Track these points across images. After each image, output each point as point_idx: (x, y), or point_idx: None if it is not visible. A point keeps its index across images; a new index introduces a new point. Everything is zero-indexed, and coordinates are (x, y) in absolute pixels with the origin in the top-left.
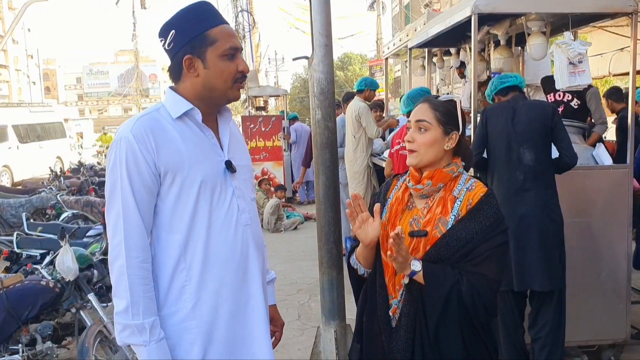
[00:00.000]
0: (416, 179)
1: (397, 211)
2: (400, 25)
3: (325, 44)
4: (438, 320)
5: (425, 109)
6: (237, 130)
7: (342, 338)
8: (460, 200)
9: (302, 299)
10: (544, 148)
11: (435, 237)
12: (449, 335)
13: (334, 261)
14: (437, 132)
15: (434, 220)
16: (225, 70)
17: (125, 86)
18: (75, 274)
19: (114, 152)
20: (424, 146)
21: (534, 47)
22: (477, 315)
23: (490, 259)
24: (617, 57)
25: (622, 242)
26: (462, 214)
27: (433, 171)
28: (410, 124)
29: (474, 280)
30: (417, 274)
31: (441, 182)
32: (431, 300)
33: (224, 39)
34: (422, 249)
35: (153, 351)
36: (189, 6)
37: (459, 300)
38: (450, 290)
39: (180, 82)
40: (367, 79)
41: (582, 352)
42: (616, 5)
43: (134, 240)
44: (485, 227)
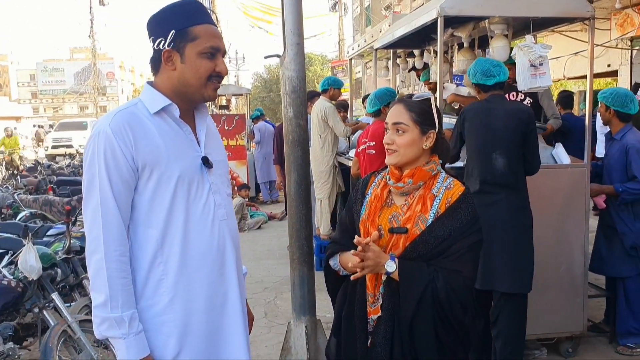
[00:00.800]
0: (397, 177)
1: (376, 208)
2: (361, 26)
3: (297, 43)
4: (412, 316)
5: (401, 111)
6: (213, 126)
7: (312, 333)
8: (439, 199)
9: (268, 297)
10: (517, 154)
11: (415, 234)
12: (422, 331)
13: (305, 257)
14: (415, 133)
15: (414, 218)
16: (201, 67)
17: (82, 84)
18: (38, 273)
19: (91, 146)
20: (402, 147)
21: (497, 49)
22: (453, 311)
23: (465, 256)
24: (572, 60)
25: (579, 238)
26: (440, 212)
27: (414, 169)
28: (388, 125)
29: (450, 277)
30: (392, 273)
31: (421, 180)
32: (405, 297)
33: (205, 37)
34: (402, 245)
35: (132, 344)
36: (177, 2)
37: (434, 297)
38: (425, 288)
39: (158, 74)
40: (330, 78)
41: (541, 345)
42: (575, 11)
43: (112, 233)
44: (462, 225)
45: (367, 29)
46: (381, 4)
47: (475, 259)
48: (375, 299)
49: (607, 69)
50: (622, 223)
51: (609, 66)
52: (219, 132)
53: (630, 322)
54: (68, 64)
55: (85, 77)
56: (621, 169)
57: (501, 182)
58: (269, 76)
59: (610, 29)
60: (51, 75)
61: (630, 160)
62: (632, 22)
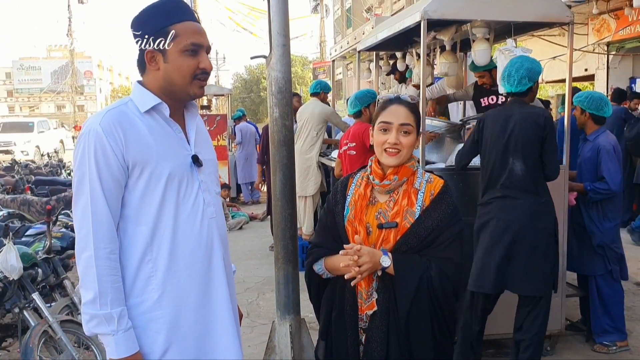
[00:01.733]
0: (381, 176)
1: (362, 207)
2: (342, 28)
3: (283, 44)
4: (409, 307)
5: (407, 113)
6: (202, 125)
7: (297, 332)
8: (422, 192)
9: (250, 297)
10: (535, 159)
11: (405, 227)
12: (419, 323)
13: (289, 257)
14: (415, 135)
15: (402, 212)
16: (184, 65)
17: (59, 83)
18: (19, 272)
19: (82, 145)
20: (407, 148)
21: (479, 52)
22: (447, 297)
23: (454, 243)
24: (550, 64)
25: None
26: (426, 204)
27: (398, 167)
28: (392, 125)
29: (442, 264)
30: (388, 268)
31: (405, 177)
32: (402, 289)
33: (186, 34)
34: (393, 239)
35: (121, 340)
36: (158, 1)
37: (429, 286)
38: (420, 278)
39: (145, 75)
40: (322, 83)
41: None
42: (555, 16)
43: (102, 231)
44: (447, 215)
45: (348, 30)
46: (362, 6)
47: (462, 246)
48: (368, 295)
49: (585, 73)
50: (591, 222)
51: (586, 70)
52: None
53: (605, 320)
54: (45, 62)
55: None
56: (592, 169)
57: (520, 186)
58: (250, 77)
59: (587, 34)
60: (27, 73)
61: (600, 161)
62: (608, 27)
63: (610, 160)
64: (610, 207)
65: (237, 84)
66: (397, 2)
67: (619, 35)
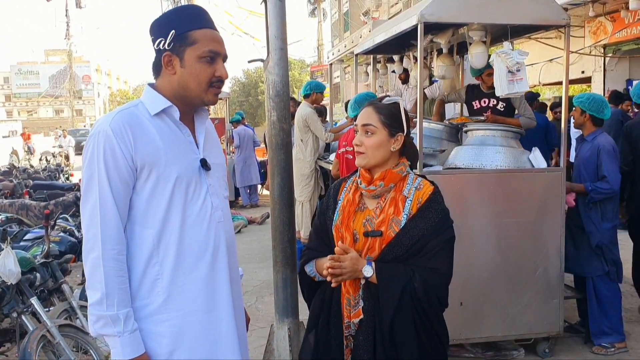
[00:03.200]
0: (367, 180)
1: (349, 213)
2: (340, 32)
3: (281, 48)
4: (393, 318)
5: (370, 113)
6: (212, 129)
7: (295, 335)
8: (410, 200)
9: (248, 300)
10: None
11: (390, 237)
12: (403, 332)
13: (288, 260)
14: (383, 135)
15: (387, 220)
16: (201, 73)
17: (58, 87)
18: (17, 277)
19: (91, 146)
20: (371, 148)
21: (475, 55)
22: (432, 307)
23: (441, 253)
24: (547, 67)
25: (555, 241)
26: (413, 213)
27: (384, 172)
28: (357, 127)
29: (427, 275)
30: (370, 277)
31: (392, 182)
32: (384, 299)
33: (205, 41)
34: (378, 248)
35: (127, 342)
36: (179, 7)
37: (413, 296)
38: (403, 288)
39: (159, 78)
40: (312, 83)
41: (518, 346)
42: (551, 18)
43: (110, 232)
44: (435, 224)
45: (345, 34)
46: (359, 10)
47: (450, 255)
48: (355, 302)
49: (581, 75)
50: (590, 222)
51: (582, 73)
52: None
53: (603, 321)
54: (43, 66)
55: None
56: (592, 169)
57: None
58: (248, 81)
59: (584, 37)
60: (26, 78)
61: (600, 161)
62: (605, 30)
63: (611, 160)
64: (609, 208)
65: (235, 87)
66: (395, 6)
67: (615, 38)
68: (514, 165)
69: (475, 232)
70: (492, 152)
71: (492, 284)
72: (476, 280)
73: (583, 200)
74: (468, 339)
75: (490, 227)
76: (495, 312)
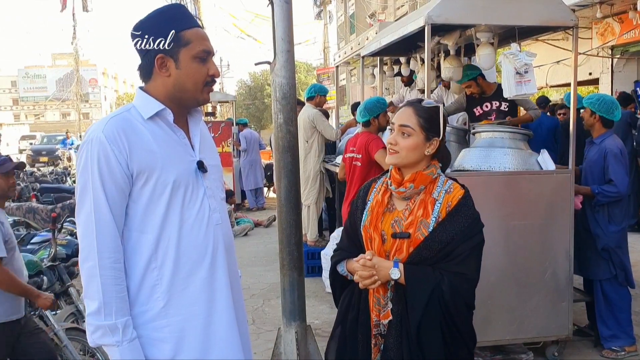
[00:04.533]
0: (398, 182)
1: (378, 213)
2: (346, 34)
3: (288, 50)
4: (420, 319)
5: (410, 114)
6: (206, 130)
7: (302, 339)
8: (439, 203)
9: (255, 303)
10: None
11: (418, 239)
12: (430, 334)
13: (295, 263)
14: (420, 138)
15: (416, 223)
16: (197, 72)
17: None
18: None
19: (85, 153)
20: (405, 149)
21: (483, 57)
22: (459, 312)
23: (469, 258)
24: (554, 69)
25: (564, 243)
26: (442, 216)
27: (415, 174)
28: (394, 126)
29: (455, 279)
30: (399, 279)
31: (422, 185)
32: (412, 301)
33: (197, 40)
34: (406, 250)
35: (126, 351)
36: (162, 7)
37: (440, 300)
38: (432, 292)
39: (150, 81)
40: (316, 86)
41: (527, 349)
42: (559, 20)
43: (106, 240)
44: (464, 228)
45: (351, 36)
46: (365, 12)
47: (479, 259)
48: (385, 303)
49: (589, 77)
50: (597, 225)
51: (590, 74)
52: None
53: (612, 324)
54: (50, 70)
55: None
56: (599, 172)
57: None
58: (254, 83)
59: (591, 38)
60: (33, 81)
61: (607, 164)
62: (612, 31)
63: (618, 163)
64: (616, 211)
65: (241, 90)
66: (401, 8)
67: (623, 39)
68: (523, 167)
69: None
70: (501, 154)
71: (501, 287)
72: (484, 283)
73: (590, 203)
74: (476, 342)
75: (499, 230)
76: (503, 315)
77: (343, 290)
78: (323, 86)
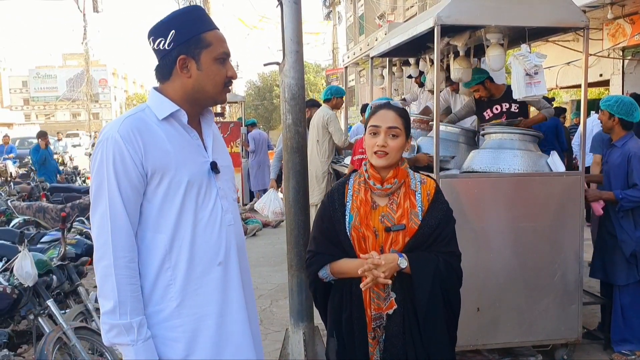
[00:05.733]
0: (380, 180)
1: (366, 212)
2: (355, 35)
3: (297, 51)
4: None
5: (394, 116)
6: (218, 132)
7: (310, 340)
8: (419, 193)
9: (263, 304)
10: None
11: (413, 229)
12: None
13: (303, 263)
14: (403, 138)
15: (407, 214)
16: (217, 74)
17: (74, 91)
18: (34, 279)
19: (100, 152)
20: (394, 150)
21: (493, 58)
22: (453, 285)
23: (453, 237)
24: (564, 70)
25: (574, 245)
26: (425, 205)
27: (395, 170)
28: (380, 129)
29: (448, 258)
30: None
31: (403, 179)
32: (420, 285)
33: (218, 43)
34: (402, 241)
35: (140, 350)
36: (183, 9)
37: (440, 278)
38: (434, 272)
39: (168, 82)
40: (332, 88)
41: (536, 352)
42: (569, 21)
43: (121, 239)
44: (444, 212)
45: (360, 37)
46: (375, 13)
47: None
48: (386, 295)
49: (599, 78)
50: (622, 231)
51: (601, 76)
52: None
53: (625, 329)
54: (60, 70)
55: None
56: (622, 176)
57: None
58: (263, 84)
59: (602, 39)
60: (43, 81)
61: (632, 168)
62: (623, 32)
63: None
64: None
65: (250, 91)
66: (410, 9)
67: (634, 40)
68: (532, 168)
69: (492, 237)
70: (510, 156)
71: (509, 289)
72: (493, 285)
73: (613, 209)
74: (485, 345)
75: (508, 232)
76: (512, 317)
77: (325, 296)
78: (340, 88)
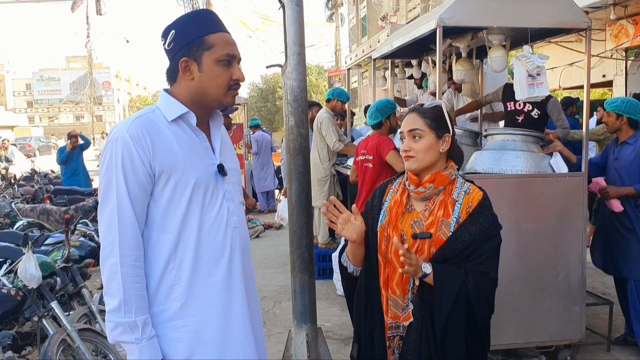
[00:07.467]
0: (416, 183)
1: (397, 214)
2: (357, 36)
3: (299, 53)
4: (447, 318)
5: (415, 118)
6: (226, 134)
7: (313, 341)
8: (459, 204)
9: (266, 305)
10: None
11: (441, 240)
12: (455, 335)
13: (305, 265)
14: (431, 137)
15: (437, 223)
16: (219, 76)
17: (78, 93)
18: (38, 281)
19: (109, 152)
20: (421, 152)
21: (495, 59)
22: (481, 312)
23: (490, 258)
24: (567, 71)
25: (577, 246)
26: (463, 217)
27: (434, 174)
28: (403, 134)
29: (479, 278)
30: (428, 276)
31: (441, 185)
32: (441, 299)
33: (221, 45)
34: (427, 251)
35: (145, 349)
36: (191, 12)
37: (466, 298)
38: (459, 289)
39: (175, 84)
40: (336, 90)
41: (540, 353)
42: (572, 22)
43: (127, 238)
44: (485, 229)
45: (363, 39)
46: (377, 15)
47: (497, 260)
48: (405, 305)
49: (602, 79)
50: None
51: (604, 76)
52: None
53: None
54: (64, 73)
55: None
56: (637, 171)
57: None
58: (265, 86)
59: (605, 40)
60: (47, 84)
61: None
62: (626, 33)
63: None
64: None
65: (253, 93)
66: (413, 10)
67: (637, 41)
68: (535, 170)
69: None
70: (513, 157)
71: (513, 290)
72: None
73: (633, 203)
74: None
75: (511, 233)
76: (515, 318)
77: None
78: (344, 91)
